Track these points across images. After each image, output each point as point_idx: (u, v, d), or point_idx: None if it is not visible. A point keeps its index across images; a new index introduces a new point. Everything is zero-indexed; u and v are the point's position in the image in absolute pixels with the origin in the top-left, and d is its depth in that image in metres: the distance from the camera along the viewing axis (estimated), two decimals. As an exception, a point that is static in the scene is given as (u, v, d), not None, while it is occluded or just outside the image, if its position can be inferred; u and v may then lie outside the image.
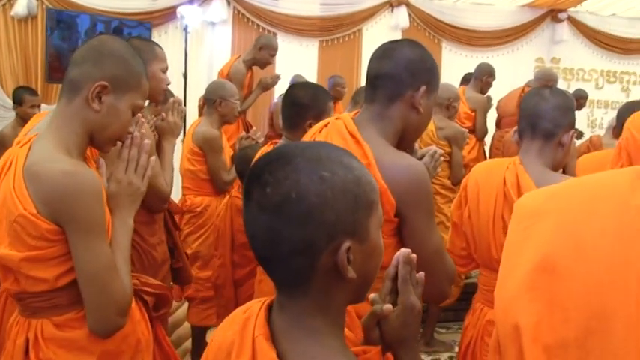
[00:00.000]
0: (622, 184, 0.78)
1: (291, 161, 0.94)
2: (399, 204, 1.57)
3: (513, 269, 0.83)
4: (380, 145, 1.63)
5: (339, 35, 7.52)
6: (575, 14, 8.30)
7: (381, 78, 1.70)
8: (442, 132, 4.31)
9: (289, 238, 0.92)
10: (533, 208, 0.86)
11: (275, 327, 0.98)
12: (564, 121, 2.02)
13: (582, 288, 0.74)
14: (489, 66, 5.72)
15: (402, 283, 1.12)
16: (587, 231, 0.77)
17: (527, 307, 0.78)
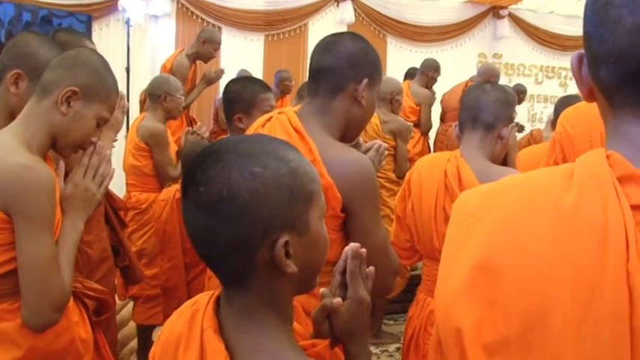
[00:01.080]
0: (556, 182, 0.79)
1: (222, 158, 0.93)
2: (345, 199, 1.57)
3: (453, 269, 0.83)
4: (324, 139, 1.63)
5: (285, 30, 7.49)
6: (515, 11, 8.50)
7: (322, 71, 1.69)
8: (387, 126, 4.35)
9: (225, 236, 0.92)
10: (472, 207, 0.86)
11: (224, 320, 0.98)
12: (504, 115, 2.09)
13: (521, 285, 0.75)
14: (435, 61, 5.80)
15: (350, 276, 1.12)
16: (524, 229, 0.77)
17: (467, 306, 0.78)
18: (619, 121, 0.79)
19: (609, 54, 0.75)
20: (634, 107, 0.76)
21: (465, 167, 2.03)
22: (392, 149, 4.34)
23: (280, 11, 7.46)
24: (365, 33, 7.60)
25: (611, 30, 0.75)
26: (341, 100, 1.68)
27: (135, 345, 3.72)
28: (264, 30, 7.45)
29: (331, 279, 1.15)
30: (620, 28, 0.74)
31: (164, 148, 3.62)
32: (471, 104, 2.12)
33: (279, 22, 7.49)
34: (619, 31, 0.74)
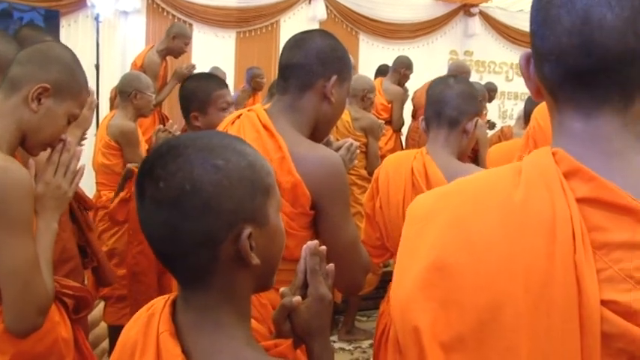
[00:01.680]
0: (505, 180, 0.81)
1: (183, 153, 0.92)
2: (314, 196, 1.57)
3: (407, 270, 0.84)
4: (294, 136, 1.62)
5: (257, 27, 7.47)
6: (486, 9, 8.59)
7: (292, 68, 1.69)
8: (358, 123, 4.36)
9: (189, 231, 0.91)
10: (425, 209, 0.88)
11: (180, 323, 0.97)
12: (468, 109, 2.08)
13: (474, 283, 0.76)
14: (407, 59, 5.83)
15: (310, 274, 1.12)
16: (475, 228, 0.79)
17: (422, 306, 0.79)
18: (563, 117, 0.81)
19: (550, 52, 0.78)
20: (575, 104, 0.79)
21: (432, 164, 2.04)
22: (363, 146, 4.35)
23: (252, 8, 7.43)
24: (337, 30, 7.62)
25: (551, 29, 0.77)
26: (310, 96, 1.68)
27: (106, 346, 3.66)
28: (236, 27, 7.42)
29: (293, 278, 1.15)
30: (559, 28, 0.76)
31: (135, 147, 3.57)
32: (435, 99, 2.11)
33: (250, 19, 7.45)
34: (558, 30, 0.76)
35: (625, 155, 0.77)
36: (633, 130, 0.78)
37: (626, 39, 0.73)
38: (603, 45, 0.74)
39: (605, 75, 0.75)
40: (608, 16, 0.73)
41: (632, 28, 0.73)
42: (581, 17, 0.74)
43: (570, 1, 0.75)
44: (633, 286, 0.70)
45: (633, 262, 0.71)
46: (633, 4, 0.73)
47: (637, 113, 0.78)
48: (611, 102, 0.77)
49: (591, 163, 0.76)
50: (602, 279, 0.71)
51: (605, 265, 0.71)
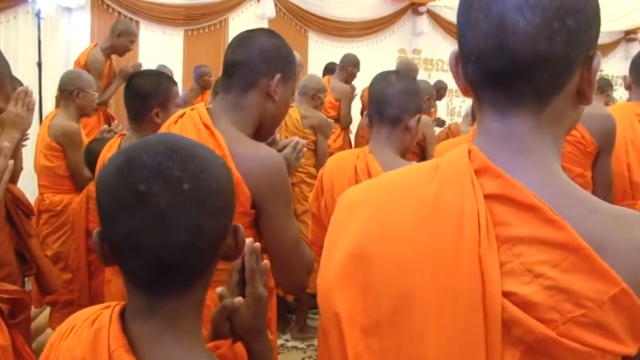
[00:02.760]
0: (423, 175, 0.86)
1: (195, 153, 0.90)
2: (255, 195, 1.57)
3: (331, 258, 0.89)
4: (235, 135, 1.61)
5: (205, 25, 7.36)
6: (434, 8, 8.71)
7: (235, 66, 1.69)
8: (307, 121, 4.37)
9: (213, 230, 0.90)
10: (352, 201, 0.93)
11: (136, 335, 0.91)
12: (410, 106, 2.08)
13: (389, 272, 0.81)
14: (354, 57, 5.88)
15: (249, 273, 1.11)
16: (393, 219, 0.84)
17: (343, 293, 0.84)
18: (483, 116, 0.85)
19: (471, 53, 0.81)
20: (493, 104, 0.82)
21: (374, 163, 2.05)
22: (312, 144, 4.36)
23: (200, 5, 7.33)
24: (286, 28, 7.61)
25: (471, 31, 0.80)
26: (254, 95, 1.68)
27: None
28: (184, 25, 7.30)
29: (228, 278, 1.14)
30: (477, 30, 0.79)
31: (78, 148, 3.48)
32: (377, 97, 2.12)
33: (199, 17, 7.35)
34: (477, 33, 0.79)
35: (536, 155, 0.81)
36: (548, 131, 0.82)
37: (537, 44, 0.76)
38: (516, 49, 0.77)
39: (519, 78, 0.79)
40: (521, 22, 0.76)
41: (544, 34, 0.76)
42: (496, 22, 0.77)
43: (487, 6, 0.78)
44: (532, 279, 0.74)
45: (533, 257, 0.74)
46: (544, 12, 0.76)
47: (553, 114, 0.81)
48: (525, 103, 0.80)
49: (502, 162, 0.80)
50: (504, 272, 0.75)
51: (508, 259, 0.75)
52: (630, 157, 2.66)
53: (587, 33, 0.79)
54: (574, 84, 0.80)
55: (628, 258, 0.74)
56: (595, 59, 0.80)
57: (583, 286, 0.72)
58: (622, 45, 10.06)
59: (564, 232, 0.74)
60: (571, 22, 0.76)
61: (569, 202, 0.77)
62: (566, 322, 0.72)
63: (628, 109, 2.77)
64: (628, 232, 0.76)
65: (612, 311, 0.72)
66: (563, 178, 0.81)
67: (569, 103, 0.82)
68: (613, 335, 0.73)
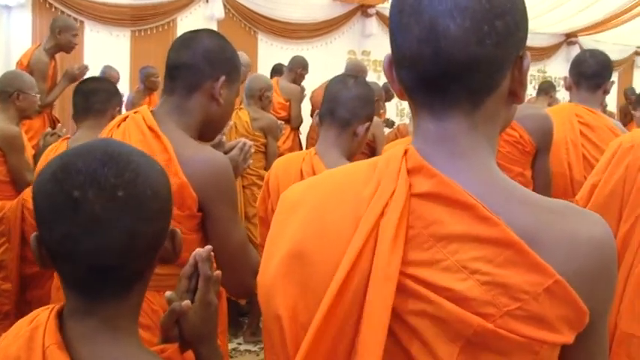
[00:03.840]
0: (361, 174, 0.88)
1: (131, 160, 0.91)
2: (201, 198, 1.56)
3: (272, 257, 0.89)
4: (180, 138, 1.60)
5: (153, 25, 7.24)
6: (383, 10, 8.77)
7: (179, 68, 1.67)
8: (257, 123, 4.33)
9: (149, 235, 0.91)
10: (293, 199, 0.93)
11: (71, 334, 0.93)
12: (362, 112, 2.08)
13: (326, 271, 0.81)
14: (303, 59, 5.90)
15: (203, 280, 1.11)
16: (330, 219, 0.85)
17: (283, 291, 0.84)
18: (419, 118, 0.86)
19: (404, 58, 0.82)
20: (429, 107, 0.84)
21: (320, 165, 2.04)
22: (263, 146, 4.34)
23: (147, 6, 7.21)
24: (235, 29, 7.56)
25: (403, 36, 0.81)
26: (198, 97, 1.66)
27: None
28: (131, 25, 7.17)
29: (177, 283, 1.14)
30: (409, 36, 0.81)
31: (19, 152, 3.37)
32: (331, 97, 2.12)
33: (146, 17, 7.23)
34: (409, 38, 0.81)
35: (470, 155, 0.82)
36: (483, 131, 0.83)
37: (468, 48, 0.78)
38: (449, 53, 0.78)
39: (452, 81, 0.80)
40: (452, 27, 0.78)
41: (474, 38, 0.78)
42: (428, 27, 0.79)
43: (419, 11, 0.79)
44: (468, 275, 0.75)
45: (469, 254, 0.76)
46: (474, 15, 0.77)
47: (487, 114, 0.83)
48: (459, 105, 0.82)
49: (437, 162, 0.81)
50: (441, 269, 0.76)
51: (444, 257, 0.77)
52: (571, 156, 2.74)
53: (516, 34, 0.80)
54: (506, 84, 0.82)
55: (560, 249, 0.76)
56: (525, 60, 0.82)
57: (518, 280, 0.74)
58: (563, 47, 10.37)
59: (498, 228, 0.76)
60: (500, 24, 0.78)
61: (502, 198, 0.79)
62: (503, 316, 0.74)
63: (568, 109, 2.86)
64: (559, 223, 0.78)
65: (547, 302, 0.74)
66: (497, 175, 0.83)
67: (502, 103, 0.84)
68: (549, 326, 0.75)
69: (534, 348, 0.75)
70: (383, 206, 0.80)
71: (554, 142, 2.70)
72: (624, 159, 1.60)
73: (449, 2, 0.78)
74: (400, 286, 0.77)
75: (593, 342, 0.81)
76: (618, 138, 1.77)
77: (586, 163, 2.72)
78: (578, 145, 2.75)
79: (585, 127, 2.77)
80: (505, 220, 0.76)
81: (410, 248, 0.78)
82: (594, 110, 2.83)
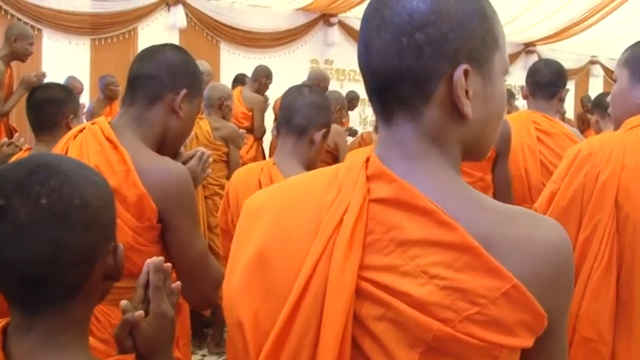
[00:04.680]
0: (324, 180, 0.89)
1: (60, 169, 0.91)
2: (161, 209, 1.55)
3: (236, 265, 0.89)
4: (138, 149, 1.58)
5: (113, 34, 7.15)
6: (345, 19, 8.84)
7: (141, 79, 1.66)
8: (218, 132, 4.30)
9: (76, 247, 0.90)
10: (257, 206, 0.93)
11: (15, 352, 0.92)
12: (318, 119, 2.08)
13: (288, 277, 0.82)
14: (267, 68, 5.90)
15: (153, 291, 1.11)
16: (292, 225, 0.86)
17: (247, 298, 0.85)
18: (380, 126, 0.89)
19: (365, 70, 0.86)
20: (380, 114, 0.87)
21: (278, 176, 2.04)
22: (224, 156, 4.32)
23: (107, 14, 7.10)
24: (197, 38, 7.53)
25: (366, 49, 0.85)
26: (158, 109, 1.65)
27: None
28: (91, 34, 7.06)
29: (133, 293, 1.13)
30: (358, 52, 0.86)
31: (-27, 163, 3.29)
32: (287, 106, 2.13)
33: (106, 26, 7.12)
34: (358, 54, 0.86)
35: (424, 159, 0.84)
36: (433, 138, 0.84)
37: (388, 59, 0.81)
38: (375, 66, 0.83)
39: (384, 91, 0.84)
40: (376, 41, 0.82)
41: (393, 50, 0.81)
42: (364, 43, 0.85)
43: (363, 29, 0.85)
44: (427, 280, 0.76)
45: (428, 258, 0.77)
46: (394, 29, 0.81)
47: (431, 124, 0.84)
48: (398, 113, 0.84)
49: (396, 167, 0.83)
50: (401, 273, 0.77)
51: (404, 262, 0.77)
52: (528, 162, 2.80)
53: (444, 45, 0.80)
54: (443, 96, 0.82)
55: (517, 254, 0.78)
56: (456, 72, 0.81)
57: (476, 284, 0.75)
58: (522, 56, 10.59)
59: (456, 233, 0.77)
60: (421, 35, 0.79)
61: (460, 203, 0.80)
62: (462, 321, 0.75)
63: (525, 116, 2.92)
64: (516, 228, 0.79)
65: (506, 307, 0.75)
66: (456, 181, 0.84)
67: (447, 116, 0.83)
68: (508, 330, 0.76)
69: (494, 352, 0.76)
70: (342, 213, 0.81)
71: (512, 149, 2.75)
72: (583, 166, 1.63)
73: (378, 18, 0.82)
74: (360, 291, 0.77)
75: (552, 345, 0.82)
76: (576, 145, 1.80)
77: (543, 169, 2.77)
78: (536, 151, 2.81)
79: (542, 134, 2.83)
80: (463, 225, 0.77)
81: (370, 253, 0.79)
82: (551, 117, 2.90)
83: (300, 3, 8.16)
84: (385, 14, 0.82)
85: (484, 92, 0.84)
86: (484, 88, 0.84)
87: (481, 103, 0.84)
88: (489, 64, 0.84)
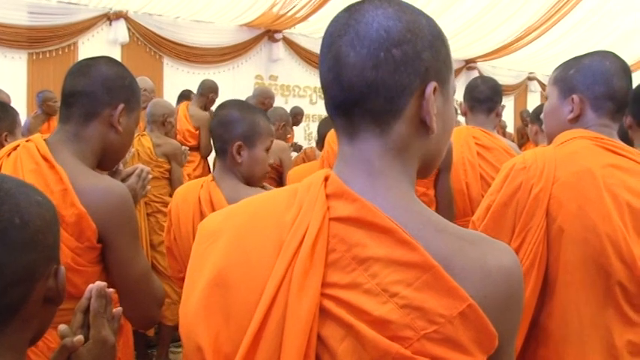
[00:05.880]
0: (282, 201, 0.88)
1: (2, 187, 0.89)
2: (100, 229, 1.52)
3: (193, 288, 0.87)
4: (76, 168, 1.55)
5: (52, 48, 6.97)
6: (289, 35, 8.89)
7: (76, 96, 1.62)
8: (160, 149, 4.24)
9: (12, 266, 0.88)
10: (213, 228, 0.92)
11: None
12: (229, 136, 2.06)
13: (249, 298, 0.81)
14: (213, 83, 5.84)
15: (93, 317, 1.09)
16: (251, 246, 0.85)
17: (205, 322, 0.83)
18: (340, 142, 0.90)
19: (322, 87, 0.88)
20: (344, 130, 0.88)
21: (217, 192, 2.04)
22: (167, 172, 4.26)
23: (46, 28, 6.92)
24: (140, 53, 7.43)
25: (321, 68, 0.87)
26: (96, 126, 1.62)
27: None
28: (28, 47, 6.87)
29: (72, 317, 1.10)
30: (323, 66, 0.87)
31: None
32: (214, 126, 2.13)
33: (44, 40, 6.94)
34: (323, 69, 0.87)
35: (387, 177, 0.85)
36: (397, 155, 0.86)
37: (364, 73, 0.82)
38: (349, 79, 0.83)
39: (355, 105, 0.84)
40: (351, 54, 0.83)
41: (370, 64, 0.82)
42: (334, 57, 0.85)
43: (331, 44, 0.86)
44: (388, 299, 0.77)
45: (389, 277, 0.78)
46: (371, 44, 0.82)
47: (398, 140, 0.86)
48: (367, 128, 0.86)
49: (357, 185, 0.84)
50: (362, 291, 0.77)
51: (365, 280, 0.78)
52: (468, 176, 2.86)
53: (417, 63, 0.84)
54: (413, 111, 0.85)
55: (472, 276, 0.80)
56: (427, 87, 0.85)
57: (435, 304, 0.77)
58: (464, 72, 10.87)
59: (417, 252, 0.78)
60: (397, 52, 0.82)
61: (420, 224, 0.82)
62: (420, 339, 0.76)
63: (465, 132, 2.99)
64: (471, 251, 0.82)
65: (461, 326, 0.77)
66: (414, 200, 0.86)
67: (413, 131, 0.86)
68: (462, 348, 0.77)
69: None
70: (303, 232, 0.81)
71: (454, 163, 2.81)
72: (517, 179, 1.68)
73: (352, 33, 0.83)
74: (324, 310, 0.78)
75: None
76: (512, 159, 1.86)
77: (483, 183, 2.84)
78: (476, 166, 2.87)
79: (482, 149, 2.90)
80: (422, 244, 0.79)
81: (334, 271, 0.79)
82: (490, 132, 2.98)
83: (244, 19, 8.16)
84: (359, 29, 0.83)
85: (444, 110, 0.89)
86: (444, 105, 0.89)
87: (441, 120, 0.88)
88: (448, 83, 0.89)
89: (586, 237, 1.57)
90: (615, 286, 1.56)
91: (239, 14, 8.02)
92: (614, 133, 1.74)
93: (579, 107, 1.72)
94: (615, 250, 1.55)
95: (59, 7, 6.99)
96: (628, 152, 1.68)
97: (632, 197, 1.59)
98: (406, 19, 0.84)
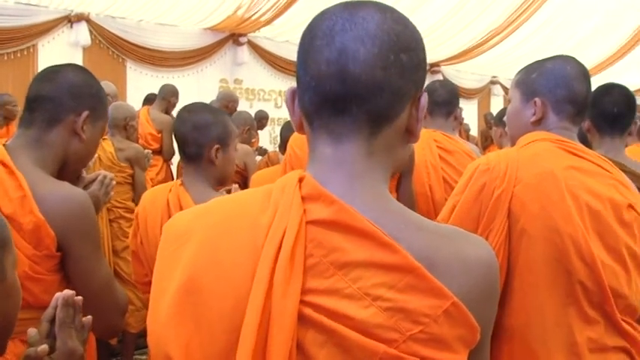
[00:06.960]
0: (254, 203, 0.86)
1: None
2: (60, 237, 1.48)
3: (162, 295, 0.84)
4: (36, 174, 1.52)
5: (10, 50, 6.77)
6: (254, 39, 8.85)
7: (40, 101, 1.60)
8: (122, 153, 4.16)
9: None
10: (181, 229, 0.89)
11: None
12: (204, 140, 2.04)
13: (223, 303, 0.79)
14: (173, 87, 5.82)
15: (59, 327, 1.06)
16: (224, 249, 0.82)
17: (175, 330, 0.80)
18: (317, 143, 0.87)
19: (312, 79, 0.85)
20: (329, 130, 0.86)
21: (185, 196, 2.03)
22: (130, 177, 4.19)
23: (3, 30, 6.72)
24: (103, 57, 7.31)
25: (313, 58, 0.85)
26: (59, 132, 1.59)
27: None
28: (-15, 49, 6.70)
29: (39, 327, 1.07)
30: (319, 57, 0.84)
31: None
32: (176, 136, 2.12)
33: (3, 42, 6.73)
34: (319, 60, 0.84)
35: (367, 180, 0.85)
36: (379, 159, 0.86)
37: (374, 72, 0.82)
38: (355, 74, 0.82)
39: (355, 102, 0.83)
40: (361, 50, 0.82)
41: (380, 64, 0.82)
42: (338, 50, 0.82)
43: (330, 36, 0.83)
44: (370, 302, 0.77)
45: (370, 280, 0.77)
46: (382, 44, 0.82)
47: (384, 144, 0.86)
48: (359, 129, 0.85)
49: (335, 187, 0.83)
50: (343, 296, 0.77)
51: (345, 285, 0.77)
52: (431, 179, 2.89)
53: (417, 72, 0.86)
54: (404, 118, 0.86)
55: (453, 271, 0.81)
56: (422, 97, 0.87)
57: (419, 304, 0.77)
58: (428, 77, 10.92)
59: (398, 254, 0.78)
60: (405, 57, 0.83)
61: (399, 225, 0.82)
62: (406, 341, 0.76)
63: (427, 135, 3.02)
64: (451, 247, 0.83)
65: (446, 324, 0.78)
66: (392, 201, 0.86)
67: (398, 138, 0.88)
68: (448, 346, 0.78)
69: None
70: (281, 236, 0.79)
71: (416, 166, 2.83)
72: (480, 180, 1.71)
73: (360, 30, 0.82)
74: (302, 317, 0.76)
75: (480, 357, 0.86)
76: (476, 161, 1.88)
77: (446, 185, 2.86)
78: (438, 169, 2.90)
79: (444, 152, 2.93)
80: (403, 245, 0.79)
81: (310, 277, 0.78)
82: (451, 135, 3.02)
83: (208, 22, 8.09)
84: (369, 28, 0.82)
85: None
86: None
87: None
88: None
89: (548, 237, 1.60)
90: (576, 284, 1.59)
91: (203, 17, 7.95)
92: (574, 136, 1.77)
93: (541, 110, 1.75)
94: (576, 249, 1.58)
95: (17, 7, 6.81)
96: (588, 155, 1.72)
97: (591, 198, 1.62)
98: (411, 27, 0.86)
